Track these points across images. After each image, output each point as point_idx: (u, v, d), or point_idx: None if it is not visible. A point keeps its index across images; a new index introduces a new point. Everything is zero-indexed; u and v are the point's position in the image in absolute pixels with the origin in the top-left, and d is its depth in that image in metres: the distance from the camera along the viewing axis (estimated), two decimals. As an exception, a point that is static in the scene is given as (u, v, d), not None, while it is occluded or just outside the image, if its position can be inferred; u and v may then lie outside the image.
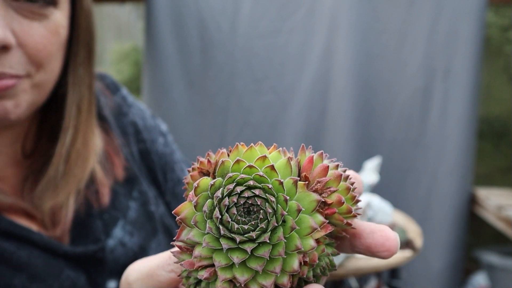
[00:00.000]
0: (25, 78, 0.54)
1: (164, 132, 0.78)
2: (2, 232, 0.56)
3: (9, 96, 0.54)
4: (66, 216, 0.60)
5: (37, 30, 0.53)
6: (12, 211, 0.58)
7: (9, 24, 0.51)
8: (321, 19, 1.96)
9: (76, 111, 0.61)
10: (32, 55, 0.54)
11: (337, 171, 0.28)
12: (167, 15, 1.98)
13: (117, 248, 0.63)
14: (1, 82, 0.52)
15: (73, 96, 0.61)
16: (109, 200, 0.66)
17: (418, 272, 2.02)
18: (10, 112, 0.54)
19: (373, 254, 0.29)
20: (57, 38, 0.56)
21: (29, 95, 0.56)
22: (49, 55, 0.56)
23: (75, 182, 0.61)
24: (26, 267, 0.55)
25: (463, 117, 1.98)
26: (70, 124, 0.61)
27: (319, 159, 0.29)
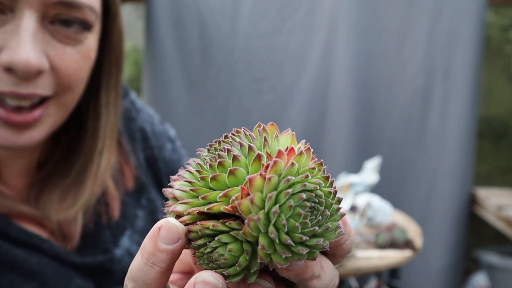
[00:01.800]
0: (53, 99, 0.55)
1: (173, 138, 0.77)
2: (13, 239, 0.56)
3: (36, 125, 0.54)
4: (76, 231, 0.60)
5: (70, 55, 0.54)
6: (23, 218, 0.58)
7: (44, 48, 0.51)
8: (321, 19, 1.96)
9: (109, 132, 0.62)
10: (63, 78, 0.54)
11: None
12: (167, 15, 1.98)
13: (124, 258, 0.63)
14: (31, 115, 0.52)
15: (107, 117, 0.62)
16: (119, 212, 0.66)
17: (418, 272, 2.02)
18: (35, 140, 0.55)
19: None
20: (88, 62, 0.57)
21: (53, 118, 0.56)
22: (79, 79, 0.56)
23: (88, 198, 0.61)
24: (37, 275, 0.55)
25: (463, 117, 1.98)
26: (105, 146, 0.61)
27: None
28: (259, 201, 0.27)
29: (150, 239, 0.31)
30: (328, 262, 0.33)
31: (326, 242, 0.29)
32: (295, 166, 0.28)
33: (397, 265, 1.38)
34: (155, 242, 0.31)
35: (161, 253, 0.31)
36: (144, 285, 0.32)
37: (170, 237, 0.31)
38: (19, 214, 0.58)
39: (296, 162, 0.28)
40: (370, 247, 1.41)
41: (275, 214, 0.27)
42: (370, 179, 1.49)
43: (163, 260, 0.31)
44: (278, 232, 0.27)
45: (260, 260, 0.28)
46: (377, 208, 1.44)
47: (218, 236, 0.29)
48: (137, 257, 0.32)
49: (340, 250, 0.34)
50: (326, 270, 0.32)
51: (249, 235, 0.28)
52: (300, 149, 0.30)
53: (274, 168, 0.27)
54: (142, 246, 0.32)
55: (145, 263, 0.31)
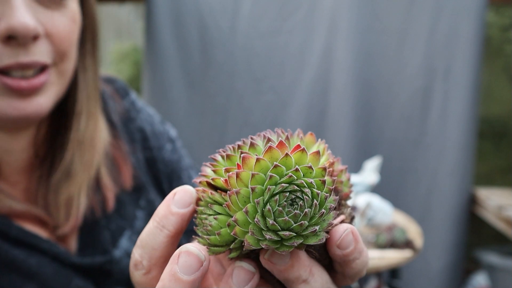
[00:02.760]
0: (52, 67, 0.56)
1: (173, 138, 0.76)
2: (13, 239, 0.56)
3: (42, 91, 0.56)
4: (78, 211, 0.60)
5: (59, 20, 0.55)
6: (23, 217, 0.58)
7: (35, 14, 0.53)
8: (321, 19, 1.96)
9: (86, 96, 0.63)
10: (57, 44, 0.56)
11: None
12: (167, 15, 1.98)
13: (123, 259, 0.63)
14: (37, 80, 0.54)
15: (83, 82, 0.63)
16: (115, 207, 0.65)
17: (418, 272, 2.02)
18: (44, 108, 0.56)
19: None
20: (76, 26, 0.58)
21: (56, 87, 0.58)
22: (72, 43, 0.58)
23: (86, 169, 0.61)
24: (36, 276, 0.55)
25: (463, 117, 1.98)
26: (83, 109, 0.62)
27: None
28: (245, 178, 0.29)
29: (165, 203, 0.34)
30: (321, 271, 0.32)
31: (310, 238, 0.30)
32: (290, 159, 0.29)
33: (397, 265, 1.38)
34: (168, 205, 0.34)
35: (172, 216, 0.33)
36: (152, 249, 0.33)
37: (183, 201, 0.34)
38: (19, 213, 0.58)
39: (294, 157, 0.30)
40: (370, 247, 1.41)
41: (256, 192, 0.28)
42: (370, 179, 1.49)
43: (173, 223, 0.33)
44: (255, 212, 0.29)
45: (234, 234, 0.29)
46: (377, 208, 1.44)
47: (213, 205, 0.32)
48: (148, 224, 0.34)
49: (349, 269, 0.33)
50: (316, 278, 0.31)
51: (231, 208, 0.30)
52: (308, 149, 0.32)
53: (269, 154, 0.29)
54: (155, 212, 0.34)
55: (155, 227, 0.33)
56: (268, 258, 0.31)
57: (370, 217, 1.44)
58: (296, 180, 0.29)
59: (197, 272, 0.30)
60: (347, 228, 0.32)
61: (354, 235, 0.32)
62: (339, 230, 0.32)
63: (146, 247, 0.34)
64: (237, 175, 0.29)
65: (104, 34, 2.85)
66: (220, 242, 0.31)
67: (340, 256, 0.32)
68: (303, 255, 0.32)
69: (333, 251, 0.32)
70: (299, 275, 0.31)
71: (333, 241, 0.32)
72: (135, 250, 0.34)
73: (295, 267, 0.31)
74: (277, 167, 0.29)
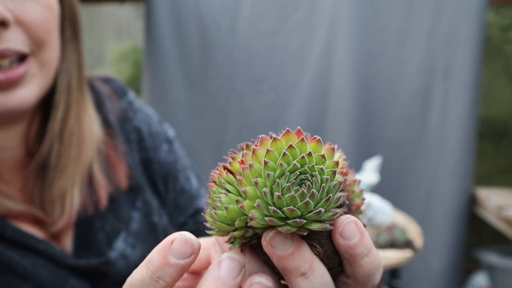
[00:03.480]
0: (31, 57, 0.55)
1: (170, 139, 0.75)
2: (8, 240, 0.55)
3: (23, 84, 0.54)
4: (71, 206, 0.60)
5: (31, 7, 0.54)
6: (20, 218, 0.58)
7: (2, 1, 0.51)
8: (321, 19, 1.96)
9: (66, 87, 0.61)
10: (32, 31, 0.54)
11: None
12: (167, 15, 1.97)
13: (119, 261, 0.62)
14: (14, 72, 0.53)
15: (62, 72, 0.61)
16: (111, 209, 0.64)
17: (418, 272, 2.02)
18: (27, 100, 0.55)
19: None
20: (52, 13, 0.56)
21: (39, 79, 0.56)
22: (48, 31, 0.56)
23: (75, 163, 0.60)
24: (32, 277, 0.55)
25: (463, 117, 1.98)
26: (61, 100, 0.60)
27: None
28: (260, 154, 0.31)
29: (160, 251, 0.30)
30: (323, 270, 0.32)
31: (312, 223, 0.30)
32: (305, 145, 0.31)
33: (397, 265, 1.38)
34: (165, 255, 0.30)
35: (170, 268, 0.30)
36: None
37: (184, 251, 0.30)
38: (15, 213, 0.58)
39: (309, 146, 0.31)
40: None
41: (268, 166, 0.30)
42: (370, 179, 1.49)
43: (171, 275, 0.30)
44: (265, 185, 0.30)
45: (241, 207, 0.30)
46: (377, 208, 1.44)
47: (226, 184, 0.33)
48: (140, 270, 0.31)
49: (359, 267, 0.32)
50: (317, 275, 0.31)
51: (242, 183, 0.31)
52: (309, 140, 0.33)
53: (286, 137, 0.31)
54: (148, 258, 0.31)
55: (149, 277, 0.30)
56: (269, 240, 0.31)
57: (370, 217, 1.44)
58: (308, 163, 0.30)
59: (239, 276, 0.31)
60: (348, 217, 0.32)
61: (358, 227, 0.32)
62: (341, 218, 0.32)
63: None
64: (253, 151, 0.31)
65: (104, 34, 2.86)
66: (226, 218, 0.32)
67: (345, 248, 0.31)
68: (305, 246, 0.31)
69: (336, 241, 0.32)
70: (298, 266, 0.30)
71: (335, 229, 0.32)
72: None
73: (295, 256, 0.30)
74: (292, 148, 0.30)
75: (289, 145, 0.30)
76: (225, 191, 0.33)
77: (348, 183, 0.36)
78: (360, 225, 0.32)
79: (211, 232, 0.34)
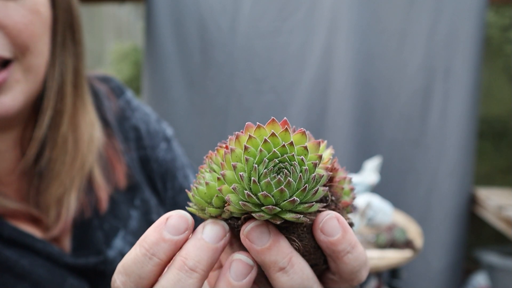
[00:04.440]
0: (15, 63, 0.53)
1: (169, 137, 0.75)
2: (5, 239, 0.55)
3: (5, 90, 0.52)
4: (68, 212, 0.59)
5: (15, 10, 0.51)
6: (17, 217, 0.58)
7: None
8: (321, 19, 1.96)
9: (56, 93, 0.59)
10: (14, 36, 0.52)
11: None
12: (167, 15, 1.97)
13: (118, 259, 0.62)
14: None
15: (51, 77, 0.59)
16: (109, 208, 0.64)
17: (418, 272, 2.02)
18: (9, 107, 0.53)
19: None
20: (38, 17, 0.54)
21: (23, 85, 0.54)
22: (33, 36, 0.54)
23: (70, 170, 0.59)
24: (29, 276, 0.55)
25: (463, 117, 1.98)
26: (49, 106, 0.58)
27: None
28: (242, 139, 0.32)
29: (155, 228, 0.31)
30: (303, 265, 0.31)
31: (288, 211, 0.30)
32: (288, 135, 0.31)
33: (397, 265, 1.38)
34: (160, 231, 0.31)
35: (165, 243, 0.30)
36: (138, 278, 0.31)
37: (179, 227, 0.31)
38: (13, 213, 0.58)
39: (293, 137, 0.31)
40: (370, 247, 1.41)
41: (248, 151, 0.31)
42: (370, 179, 1.49)
43: (165, 251, 0.30)
44: (243, 170, 0.30)
45: (219, 189, 0.31)
46: (377, 208, 1.44)
47: (213, 164, 0.34)
48: (134, 250, 0.31)
49: (343, 264, 0.31)
50: (296, 269, 0.31)
51: (223, 166, 0.32)
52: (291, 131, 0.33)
53: (271, 126, 0.32)
54: (142, 237, 0.31)
55: (143, 254, 0.30)
56: (246, 234, 0.30)
57: (370, 217, 1.44)
58: (289, 153, 0.30)
59: (248, 277, 0.31)
60: (330, 213, 0.31)
61: (341, 223, 0.31)
62: (322, 214, 0.31)
63: (131, 276, 0.31)
64: (236, 137, 0.32)
65: (104, 34, 2.87)
66: (206, 195, 0.33)
67: (327, 244, 0.31)
68: (283, 240, 0.31)
69: (317, 237, 0.31)
70: (275, 260, 0.30)
71: (316, 224, 0.31)
72: (116, 276, 0.31)
73: (272, 250, 0.30)
74: (274, 136, 0.31)
75: (272, 133, 0.31)
76: (210, 169, 0.34)
77: (338, 179, 0.35)
78: (343, 221, 0.31)
79: (190, 208, 0.34)
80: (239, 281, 0.31)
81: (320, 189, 0.31)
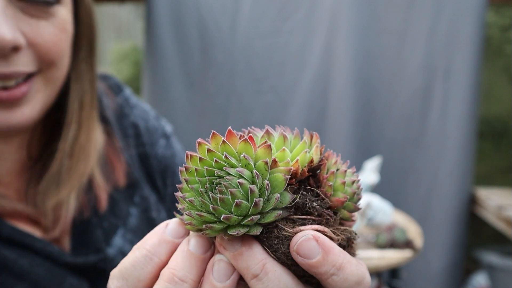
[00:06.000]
0: (38, 74, 0.54)
1: (168, 134, 0.75)
2: (4, 239, 0.55)
3: (26, 101, 0.54)
4: (67, 214, 0.59)
5: (46, 29, 0.53)
6: (16, 217, 0.58)
7: (17, 24, 0.51)
8: (321, 19, 1.96)
9: (78, 106, 0.61)
10: (43, 53, 0.54)
11: None
12: (167, 15, 1.97)
13: (117, 257, 0.62)
14: (18, 90, 0.52)
15: (75, 91, 0.61)
16: (108, 206, 0.64)
17: (418, 272, 2.02)
18: (29, 117, 0.54)
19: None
20: (66, 35, 0.56)
21: (43, 94, 0.56)
22: (60, 52, 0.56)
23: (77, 177, 0.60)
24: (28, 275, 0.55)
25: (463, 117, 1.98)
26: (73, 119, 0.60)
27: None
28: (194, 162, 0.32)
29: (156, 232, 0.32)
30: (280, 272, 0.30)
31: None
32: (228, 147, 0.31)
33: (397, 265, 1.38)
34: (162, 234, 0.32)
35: (166, 244, 0.32)
36: (136, 281, 0.31)
37: (178, 231, 0.32)
38: (12, 213, 0.58)
39: (239, 146, 0.31)
40: (370, 247, 1.41)
41: (189, 171, 0.32)
42: (370, 179, 1.49)
43: (166, 251, 0.31)
44: (190, 190, 0.31)
45: (180, 195, 0.32)
46: (377, 208, 1.44)
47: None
48: (132, 254, 0.32)
49: (328, 286, 0.30)
50: (271, 277, 0.30)
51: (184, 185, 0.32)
52: (291, 149, 0.33)
53: (214, 140, 0.33)
54: (141, 242, 0.32)
55: (144, 255, 0.31)
56: (220, 241, 0.31)
57: (370, 217, 1.44)
58: (228, 166, 0.30)
59: (231, 278, 0.31)
60: (306, 234, 0.29)
61: (321, 243, 0.29)
62: (298, 235, 0.30)
63: (129, 278, 0.31)
64: (188, 157, 0.33)
65: (104, 34, 2.86)
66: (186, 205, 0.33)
67: (306, 267, 0.29)
68: (257, 247, 0.30)
69: (295, 259, 0.30)
70: (247, 266, 0.30)
71: (291, 246, 0.30)
72: (111, 282, 0.32)
73: (244, 256, 0.30)
74: (210, 152, 0.31)
75: (207, 149, 0.31)
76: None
77: (326, 176, 0.33)
78: (324, 241, 0.29)
79: (189, 227, 0.33)
80: (222, 283, 0.30)
81: (273, 197, 0.29)
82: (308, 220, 0.31)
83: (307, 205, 0.31)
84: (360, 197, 0.35)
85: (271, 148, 0.31)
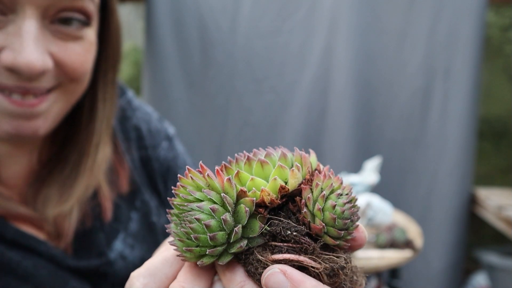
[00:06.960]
0: (58, 88, 0.55)
1: (171, 136, 0.75)
2: (9, 241, 0.55)
3: (42, 113, 0.54)
4: (70, 227, 0.60)
5: (73, 50, 0.54)
6: (21, 220, 0.58)
7: (47, 47, 0.51)
8: (321, 19, 1.96)
9: (105, 128, 0.62)
10: (69, 72, 0.54)
11: None
12: (167, 15, 1.97)
13: (117, 261, 0.62)
14: (36, 108, 0.52)
15: (103, 112, 0.62)
16: (111, 212, 0.65)
17: (418, 272, 2.02)
18: (40, 129, 0.55)
19: None
20: (91, 55, 0.57)
21: (59, 105, 0.56)
22: (85, 72, 0.57)
23: (82, 190, 0.61)
24: (32, 278, 0.55)
25: (463, 117, 1.98)
26: (101, 140, 0.62)
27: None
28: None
29: None
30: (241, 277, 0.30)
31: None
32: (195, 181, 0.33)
33: (397, 265, 1.38)
34: None
35: None
36: (164, 278, 0.32)
37: None
38: (16, 216, 0.58)
39: (209, 181, 0.32)
40: (370, 247, 1.41)
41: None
42: (370, 179, 1.49)
43: None
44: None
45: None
46: (377, 208, 1.44)
47: None
48: (161, 254, 0.33)
49: None
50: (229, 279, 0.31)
51: None
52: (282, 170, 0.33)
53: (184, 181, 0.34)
54: None
55: (173, 254, 0.32)
56: (216, 261, 0.32)
57: (370, 217, 1.44)
58: (188, 202, 0.32)
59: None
60: (273, 267, 0.29)
61: (289, 277, 0.28)
62: (266, 269, 0.30)
63: (157, 275, 0.31)
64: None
65: (104, 34, 2.84)
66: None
67: None
68: (238, 268, 0.31)
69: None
70: (229, 286, 0.30)
71: (261, 280, 0.30)
72: (137, 279, 0.31)
73: (226, 276, 0.31)
74: (181, 186, 0.33)
75: (179, 185, 0.33)
76: None
77: (303, 202, 0.32)
78: (293, 274, 0.28)
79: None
80: None
81: (235, 230, 0.30)
82: (284, 248, 0.31)
83: (281, 233, 0.31)
84: (348, 221, 0.32)
85: (231, 181, 0.31)
